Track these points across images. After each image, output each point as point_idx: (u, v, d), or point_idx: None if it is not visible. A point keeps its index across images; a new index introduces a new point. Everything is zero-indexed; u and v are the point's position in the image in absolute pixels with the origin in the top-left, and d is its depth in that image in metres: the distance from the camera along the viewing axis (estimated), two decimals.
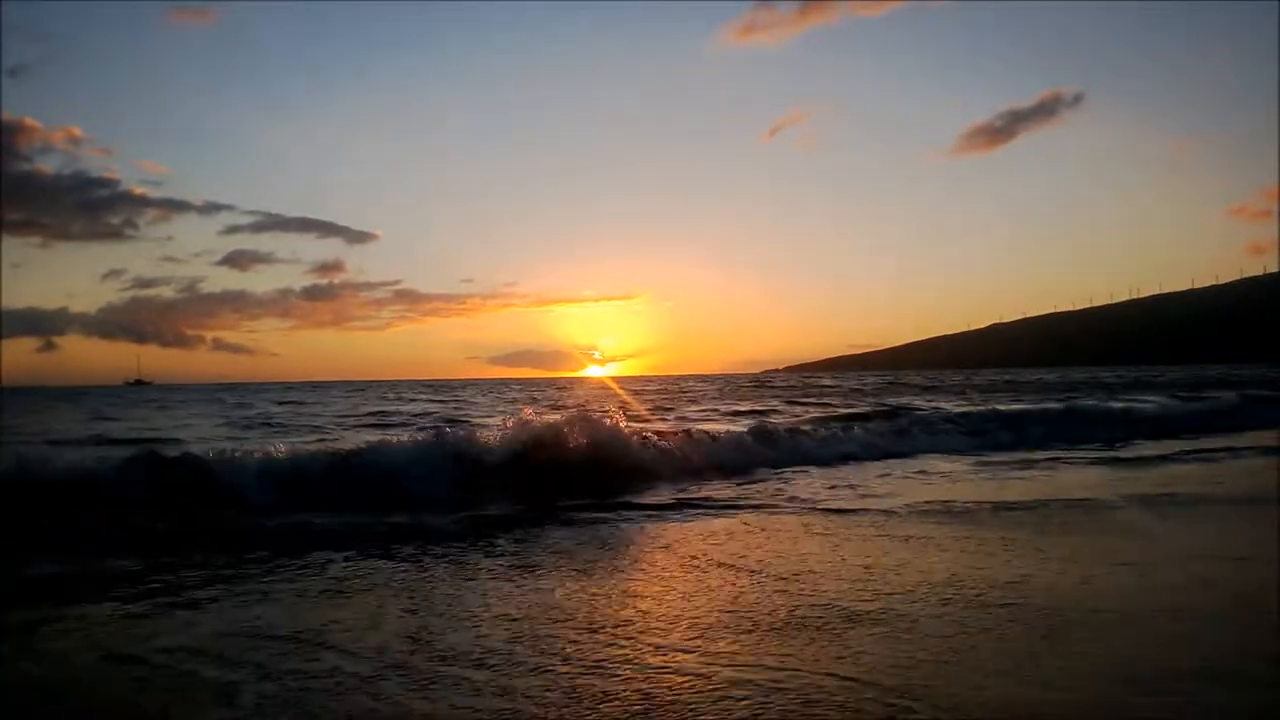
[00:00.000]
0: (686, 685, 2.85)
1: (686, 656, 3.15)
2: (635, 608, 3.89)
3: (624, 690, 2.83)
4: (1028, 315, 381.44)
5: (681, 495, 7.68)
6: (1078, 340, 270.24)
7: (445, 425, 12.98)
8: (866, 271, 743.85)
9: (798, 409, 21.92)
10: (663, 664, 3.08)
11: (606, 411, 10.92)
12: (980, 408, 16.48)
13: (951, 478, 8.86)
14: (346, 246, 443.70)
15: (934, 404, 20.21)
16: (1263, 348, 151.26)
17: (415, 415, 21.76)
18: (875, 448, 11.68)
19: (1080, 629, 3.43)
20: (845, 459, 10.82)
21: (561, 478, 8.33)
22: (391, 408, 26.78)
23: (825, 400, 27.09)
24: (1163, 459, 10.29)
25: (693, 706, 2.67)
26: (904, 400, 24.35)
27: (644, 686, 2.86)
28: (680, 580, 4.44)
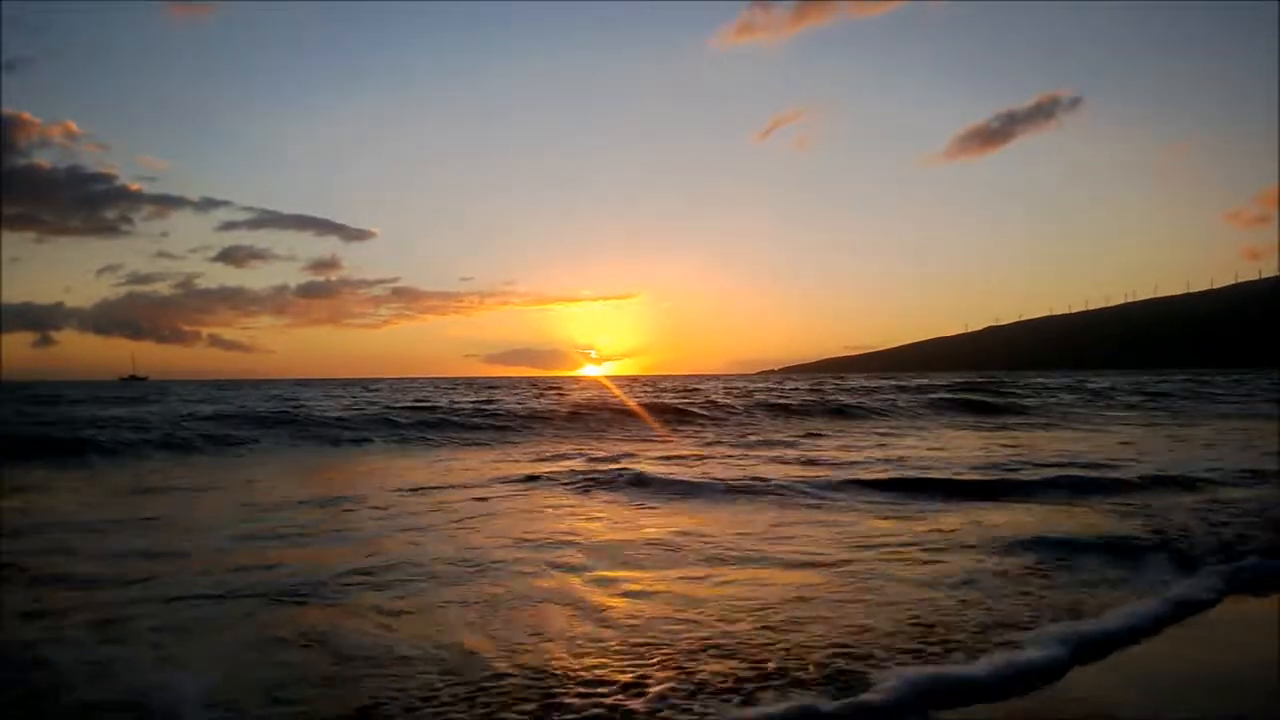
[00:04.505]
0: None
1: None
2: None
3: None
4: (1024, 318, 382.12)
5: None
6: (1074, 343, 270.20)
7: None
8: (862, 272, 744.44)
9: None
10: None
11: None
12: None
13: None
14: (344, 244, 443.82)
15: None
16: (1258, 352, 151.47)
17: None
18: None
19: None
20: None
21: None
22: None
23: None
24: None
25: None
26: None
27: None
28: None
